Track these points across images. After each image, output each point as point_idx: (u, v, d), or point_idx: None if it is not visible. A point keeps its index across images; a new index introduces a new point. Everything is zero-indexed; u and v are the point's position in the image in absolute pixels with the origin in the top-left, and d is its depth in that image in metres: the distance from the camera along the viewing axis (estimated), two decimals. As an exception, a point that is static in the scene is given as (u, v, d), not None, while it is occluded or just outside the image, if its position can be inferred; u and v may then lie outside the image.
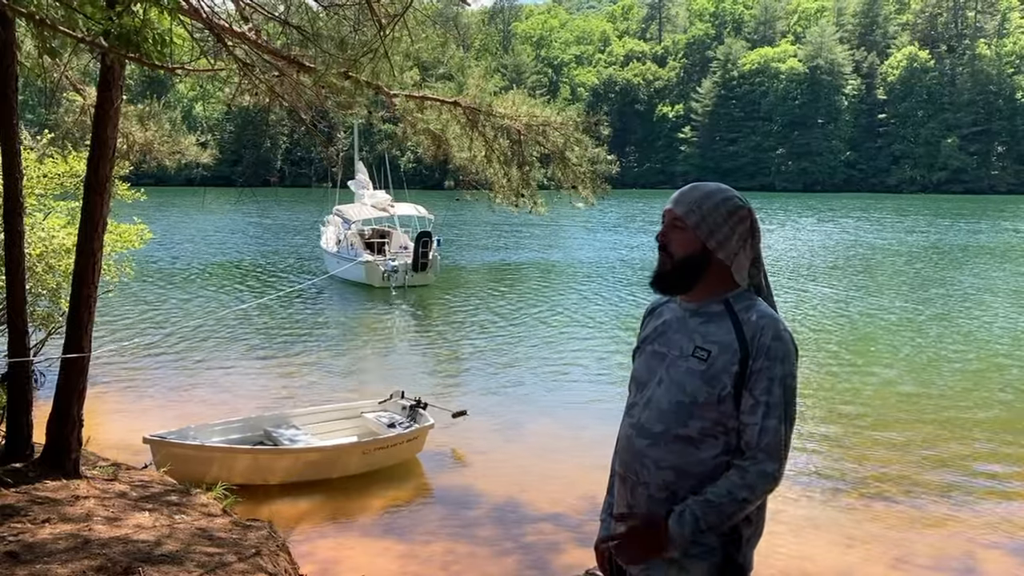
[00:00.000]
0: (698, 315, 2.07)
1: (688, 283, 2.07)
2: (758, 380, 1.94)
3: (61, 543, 4.15)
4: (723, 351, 1.98)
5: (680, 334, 2.07)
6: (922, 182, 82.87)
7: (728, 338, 1.99)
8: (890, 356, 12.23)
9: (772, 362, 1.94)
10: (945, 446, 8.09)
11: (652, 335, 2.16)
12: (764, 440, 1.93)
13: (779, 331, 1.97)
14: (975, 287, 19.74)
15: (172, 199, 46.98)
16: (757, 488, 1.93)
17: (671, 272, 2.07)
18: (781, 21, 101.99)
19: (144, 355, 11.51)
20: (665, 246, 2.07)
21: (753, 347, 1.96)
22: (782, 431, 1.94)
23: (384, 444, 7.12)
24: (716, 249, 2.04)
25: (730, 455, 1.98)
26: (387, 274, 18.18)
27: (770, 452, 1.93)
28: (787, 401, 1.96)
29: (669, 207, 2.09)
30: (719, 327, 2.02)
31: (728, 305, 2.05)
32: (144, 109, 8.06)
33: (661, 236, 2.09)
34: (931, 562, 5.70)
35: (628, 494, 2.09)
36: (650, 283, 2.13)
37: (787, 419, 1.96)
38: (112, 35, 3.88)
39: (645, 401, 2.08)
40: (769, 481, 1.94)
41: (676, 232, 2.06)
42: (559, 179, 6.53)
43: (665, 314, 2.17)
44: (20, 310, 5.46)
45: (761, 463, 1.93)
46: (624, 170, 74.02)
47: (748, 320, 2.00)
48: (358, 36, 5.13)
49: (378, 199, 21.38)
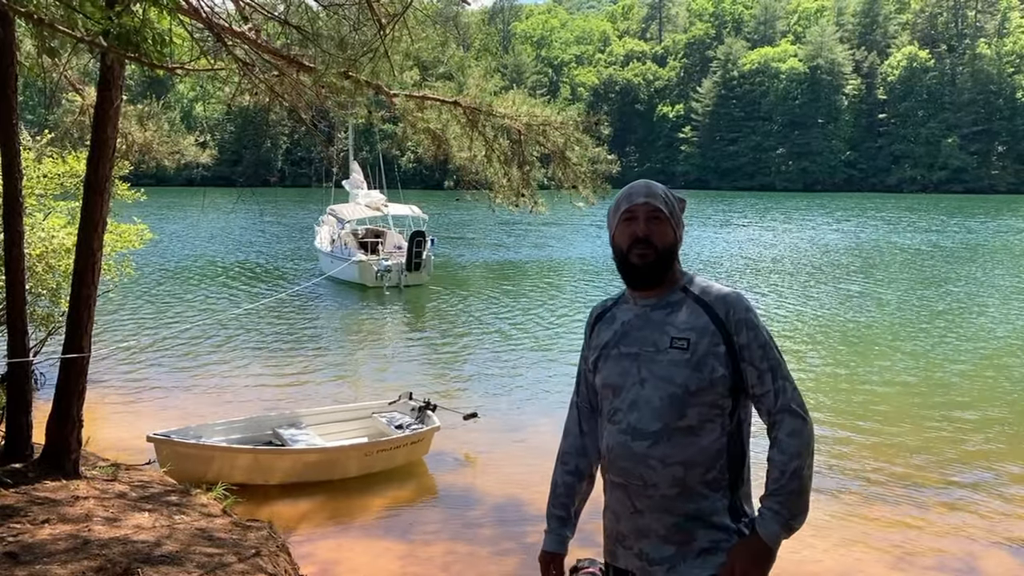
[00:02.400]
0: (660, 308, 2.10)
1: (665, 273, 2.12)
2: (752, 352, 2.02)
3: (60, 544, 4.14)
4: (702, 335, 2.02)
5: (646, 331, 2.09)
6: (922, 182, 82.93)
7: (702, 322, 2.04)
8: (892, 356, 12.21)
9: (753, 330, 2.03)
10: (947, 446, 8.07)
11: (612, 339, 2.16)
12: (783, 400, 2.01)
13: (744, 301, 2.07)
14: (977, 286, 19.73)
15: (172, 199, 47.02)
16: (799, 449, 1.98)
17: (655, 263, 2.10)
18: (781, 21, 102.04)
19: (144, 355, 11.51)
20: (647, 239, 2.09)
21: (731, 324, 2.02)
22: (791, 386, 2.03)
23: (386, 446, 7.06)
24: (680, 238, 2.16)
25: (727, 436, 2.03)
26: (380, 274, 18.17)
27: (790, 408, 2.01)
28: (779, 358, 2.06)
29: (642, 202, 2.11)
30: (687, 313, 2.06)
31: (686, 291, 2.11)
32: (144, 109, 8.06)
33: (643, 231, 2.10)
34: (933, 562, 5.69)
35: (632, 500, 2.07)
36: (631, 280, 2.15)
37: (789, 375, 2.06)
38: (112, 35, 3.87)
39: (629, 404, 2.07)
40: (803, 435, 2.00)
41: (656, 224, 2.11)
42: (559, 179, 6.53)
43: (619, 316, 2.19)
44: (20, 310, 5.46)
45: (787, 424, 2.00)
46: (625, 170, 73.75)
47: (713, 300, 2.06)
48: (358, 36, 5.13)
49: (372, 199, 21.39)
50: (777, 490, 1.97)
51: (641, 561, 2.08)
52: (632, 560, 2.10)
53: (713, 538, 2.01)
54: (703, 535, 2.02)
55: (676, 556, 2.02)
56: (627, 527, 2.09)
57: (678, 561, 2.02)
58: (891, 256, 26.92)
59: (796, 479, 1.96)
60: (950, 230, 37.38)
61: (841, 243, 30.89)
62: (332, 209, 21.44)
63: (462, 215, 42.59)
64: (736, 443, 2.05)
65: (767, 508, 1.98)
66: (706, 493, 2.01)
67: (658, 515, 2.03)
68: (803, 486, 1.97)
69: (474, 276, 21.86)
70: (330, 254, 20.64)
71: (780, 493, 1.97)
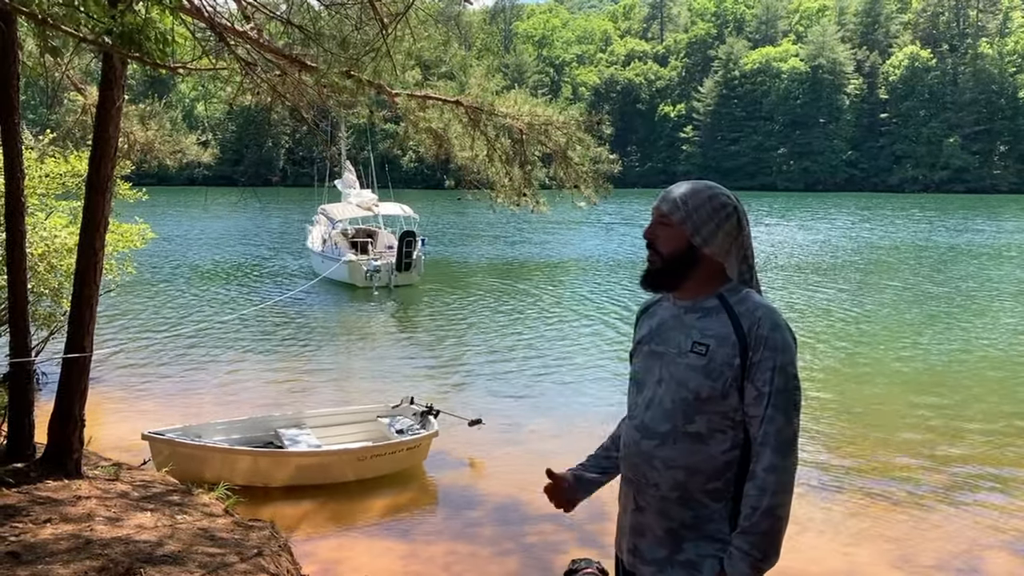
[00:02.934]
0: (693, 311, 2.06)
1: (677, 280, 2.07)
2: (759, 371, 1.93)
3: (62, 543, 4.14)
4: (721, 344, 1.97)
5: (676, 331, 2.06)
6: (924, 181, 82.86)
7: (725, 331, 1.98)
8: (894, 355, 12.20)
9: (772, 352, 1.93)
10: (949, 445, 8.07)
11: (648, 335, 2.15)
12: (768, 430, 1.91)
13: (776, 321, 1.96)
14: (979, 286, 19.71)
15: (174, 199, 47.03)
16: (776, 487, 1.89)
17: (660, 269, 2.07)
18: (783, 20, 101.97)
19: (145, 355, 11.52)
20: (652, 243, 2.08)
21: (752, 338, 1.95)
22: (783, 420, 1.91)
23: (382, 451, 7.00)
24: (703, 245, 2.04)
25: (739, 449, 1.97)
26: (369, 274, 18.16)
27: (774, 445, 1.91)
28: (789, 389, 1.93)
29: (655, 204, 2.10)
30: (715, 321, 2.01)
31: (722, 299, 2.04)
32: (146, 108, 8.07)
33: (648, 234, 2.09)
34: (934, 562, 5.68)
35: (635, 496, 2.09)
36: (640, 281, 2.13)
37: (792, 407, 1.94)
38: (114, 34, 3.88)
39: (646, 402, 2.07)
40: (783, 473, 1.90)
41: (662, 229, 2.07)
42: (561, 178, 6.52)
43: (659, 313, 2.16)
44: (22, 310, 5.46)
45: (763, 460, 1.91)
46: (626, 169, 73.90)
47: (744, 312, 1.99)
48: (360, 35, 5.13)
49: (363, 198, 21.37)
50: (748, 528, 1.90)
51: (634, 558, 2.09)
52: (626, 555, 2.13)
53: (702, 551, 1.98)
54: (691, 547, 1.99)
55: (665, 561, 2.02)
56: (629, 521, 2.11)
57: (666, 566, 2.01)
58: (894, 255, 26.89)
59: (768, 518, 1.88)
60: (954, 229, 37.33)
61: (843, 242, 30.88)
62: (323, 209, 21.47)
63: (458, 214, 42.59)
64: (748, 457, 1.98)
65: (737, 547, 1.91)
66: (706, 502, 1.98)
67: (656, 516, 2.03)
68: (776, 526, 1.89)
69: (467, 276, 21.82)
70: (321, 254, 20.70)
71: (751, 532, 1.89)
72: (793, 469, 1.93)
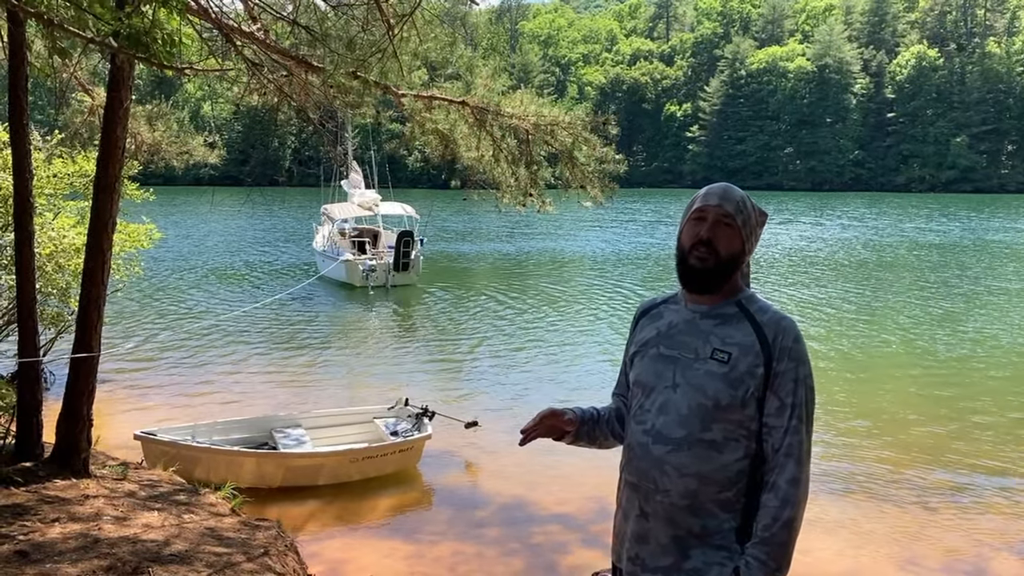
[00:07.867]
0: (711, 317, 2.03)
1: (723, 282, 2.04)
2: (783, 382, 1.93)
3: (70, 542, 4.16)
4: (744, 353, 1.95)
5: (691, 336, 2.03)
6: (931, 181, 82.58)
7: (749, 340, 1.96)
8: (901, 356, 12.17)
9: (796, 364, 1.94)
10: (956, 447, 8.04)
11: (655, 338, 2.11)
12: (787, 442, 1.93)
13: (798, 333, 1.98)
14: (988, 286, 19.63)
15: (181, 199, 47.16)
16: (794, 498, 1.91)
17: (714, 269, 2.02)
18: (789, 20, 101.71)
19: (153, 354, 11.56)
20: (711, 242, 2.02)
21: (776, 349, 1.94)
22: (803, 432, 1.95)
23: (374, 453, 6.99)
24: (748, 250, 2.06)
25: (750, 459, 1.96)
26: (366, 273, 18.21)
27: (797, 456, 1.93)
28: (808, 401, 1.96)
29: (715, 203, 2.03)
30: (737, 329, 1.99)
31: (741, 306, 2.03)
32: (153, 109, 8.10)
33: (708, 232, 2.02)
34: (941, 564, 5.67)
35: (642, 502, 2.04)
36: (685, 279, 2.07)
37: (808, 420, 1.96)
38: (121, 35, 3.89)
39: (659, 407, 2.03)
40: (802, 485, 1.93)
41: (724, 229, 2.02)
42: (567, 178, 6.51)
43: (666, 315, 2.13)
44: (30, 309, 5.48)
45: (787, 471, 1.92)
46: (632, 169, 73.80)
47: (767, 321, 1.98)
48: (366, 36, 5.13)
49: (365, 198, 21.43)
50: (768, 539, 1.90)
51: (634, 566, 2.05)
52: (626, 563, 2.08)
53: (708, 559, 1.96)
54: (698, 555, 1.97)
55: (670, 569, 1.99)
56: (632, 528, 2.07)
57: (671, 574, 1.99)
58: (902, 255, 26.79)
59: (787, 530, 1.89)
60: (961, 229, 37.18)
61: (849, 242, 30.77)
62: (325, 209, 21.58)
63: (462, 214, 42.60)
64: (759, 468, 1.98)
65: (754, 557, 1.90)
66: (715, 512, 1.96)
67: (663, 524, 1.99)
68: (792, 537, 1.91)
69: (467, 276, 21.80)
70: (323, 253, 20.83)
71: (769, 543, 1.89)
72: (807, 480, 1.95)
